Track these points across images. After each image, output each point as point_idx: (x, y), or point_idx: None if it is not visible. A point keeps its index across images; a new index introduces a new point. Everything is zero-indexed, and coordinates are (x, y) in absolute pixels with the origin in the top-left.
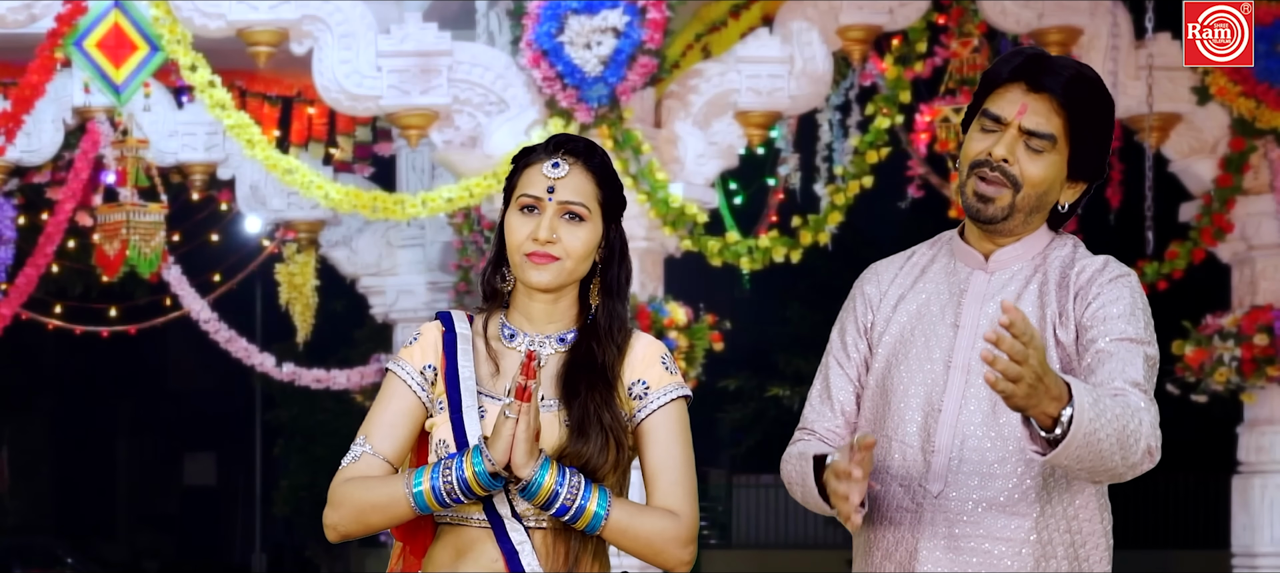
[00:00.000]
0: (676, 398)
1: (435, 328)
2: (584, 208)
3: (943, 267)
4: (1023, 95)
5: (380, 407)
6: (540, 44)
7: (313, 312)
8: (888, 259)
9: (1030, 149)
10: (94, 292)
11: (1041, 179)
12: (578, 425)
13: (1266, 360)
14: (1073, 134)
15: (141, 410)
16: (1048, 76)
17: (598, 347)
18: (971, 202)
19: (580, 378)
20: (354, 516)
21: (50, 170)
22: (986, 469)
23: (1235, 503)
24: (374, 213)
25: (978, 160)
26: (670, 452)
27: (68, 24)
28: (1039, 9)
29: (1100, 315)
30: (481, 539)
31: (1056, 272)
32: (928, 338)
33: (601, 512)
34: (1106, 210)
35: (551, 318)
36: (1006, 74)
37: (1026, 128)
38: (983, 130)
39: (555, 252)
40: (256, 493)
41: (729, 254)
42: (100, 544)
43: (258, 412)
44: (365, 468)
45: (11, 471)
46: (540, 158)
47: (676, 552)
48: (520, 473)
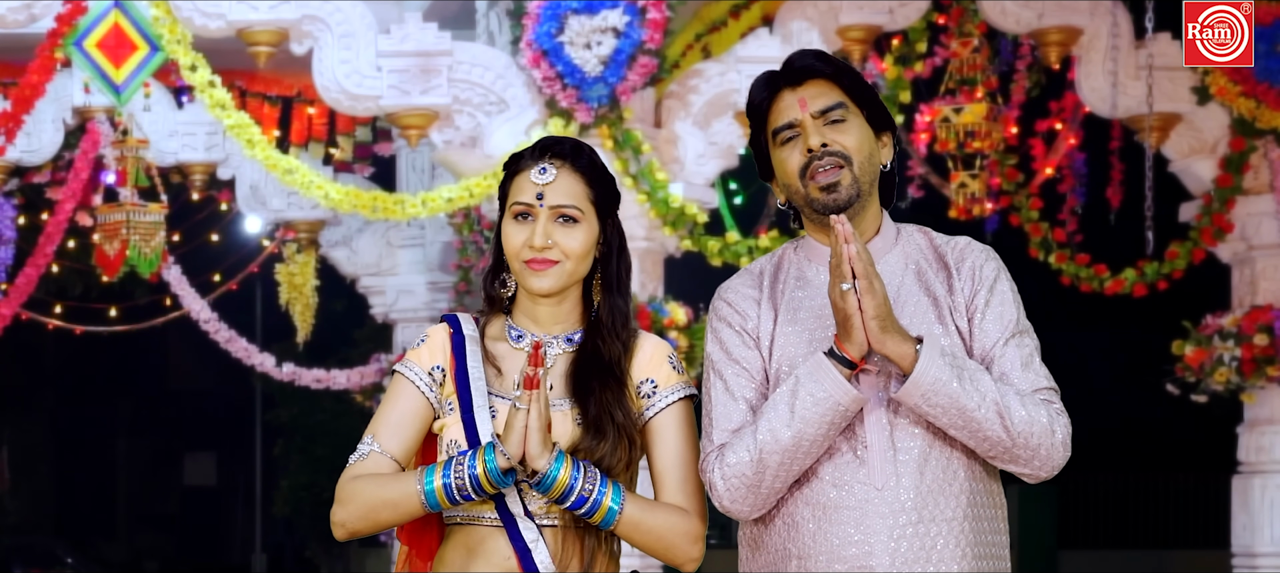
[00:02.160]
0: (684, 397)
1: (443, 330)
2: (576, 209)
3: (804, 275)
4: (793, 93)
5: (388, 407)
6: (540, 44)
7: (313, 312)
8: (738, 276)
9: (834, 123)
10: (94, 292)
11: (860, 142)
12: (593, 423)
13: (1266, 360)
14: (850, 92)
15: (141, 410)
16: (797, 69)
17: (603, 343)
18: (820, 198)
19: (591, 375)
20: (363, 512)
21: (50, 170)
22: (919, 455)
23: (1235, 503)
24: (374, 213)
25: (802, 165)
26: (678, 450)
27: (68, 24)
28: (1039, 9)
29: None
30: (493, 538)
31: (928, 254)
32: (812, 335)
33: (616, 506)
34: (1107, 210)
35: (557, 319)
36: (767, 91)
37: (817, 110)
38: (784, 144)
39: (552, 256)
40: (256, 493)
41: (729, 254)
42: (100, 544)
43: (258, 412)
44: (374, 466)
45: (11, 471)
46: (528, 164)
47: (688, 548)
48: (535, 465)
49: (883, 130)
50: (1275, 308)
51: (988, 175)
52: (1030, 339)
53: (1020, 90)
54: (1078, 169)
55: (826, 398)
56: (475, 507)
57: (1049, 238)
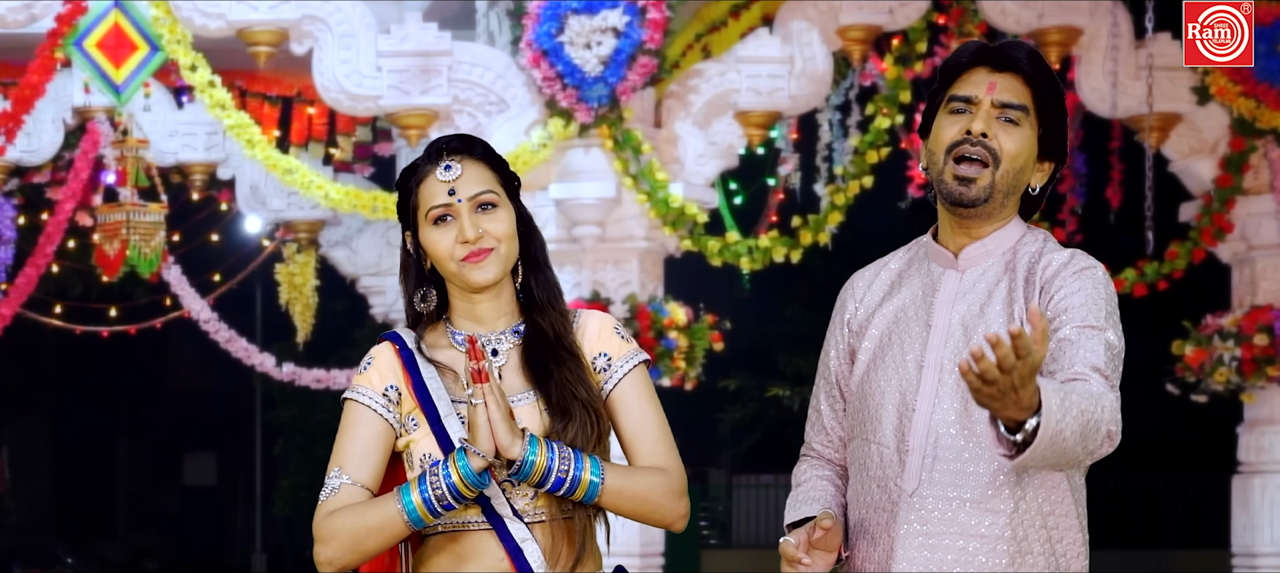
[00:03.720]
0: (639, 363)
1: (388, 348)
2: (493, 193)
3: (918, 270)
4: (989, 75)
5: (347, 437)
6: (540, 44)
7: (313, 312)
8: (867, 268)
9: (1006, 121)
10: (94, 292)
11: (1018, 152)
12: (558, 405)
13: (1266, 360)
14: (1040, 108)
15: (141, 410)
16: (1010, 55)
17: (543, 320)
18: (952, 187)
19: (546, 358)
20: (348, 545)
21: (50, 170)
22: (960, 467)
23: (1235, 503)
24: (374, 213)
25: (955, 141)
26: (644, 414)
27: (68, 24)
28: (1039, 9)
29: (1062, 307)
30: (483, 541)
31: (1024, 267)
32: (902, 340)
33: (597, 479)
34: (1107, 210)
35: (499, 313)
36: (968, 60)
37: (1000, 101)
38: (953, 114)
39: (486, 244)
40: (256, 493)
41: (729, 254)
42: (100, 544)
43: (258, 412)
44: (346, 498)
45: (11, 471)
46: (428, 168)
47: (673, 505)
48: (509, 454)
49: (1049, 157)
50: (1275, 308)
51: None
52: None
53: None
54: (1078, 169)
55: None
56: (461, 513)
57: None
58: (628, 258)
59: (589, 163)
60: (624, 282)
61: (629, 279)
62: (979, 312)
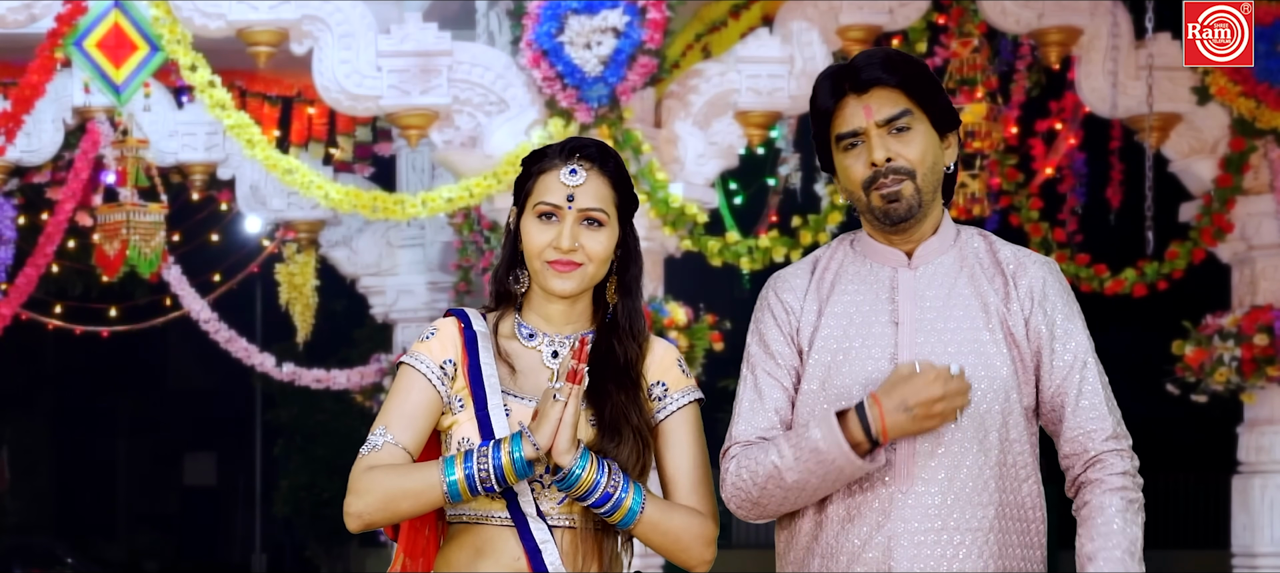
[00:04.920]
0: (693, 401)
1: (452, 324)
2: (604, 213)
3: (856, 270)
4: (858, 102)
5: (400, 398)
6: (540, 44)
7: (313, 312)
8: (793, 271)
9: (898, 132)
10: (94, 292)
11: (924, 151)
12: (610, 425)
13: (1266, 360)
14: (916, 98)
15: (141, 410)
16: (864, 72)
17: (619, 345)
18: (882, 209)
19: (608, 377)
20: (382, 503)
21: (50, 170)
22: (950, 462)
23: (1235, 503)
24: (374, 213)
25: (866, 177)
26: (689, 454)
27: (68, 24)
28: (1039, 9)
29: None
30: (502, 537)
31: (984, 260)
32: (866, 340)
33: (637, 507)
34: (1107, 210)
35: (570, 319)
36: (831, 99)
37: (882, 120)
38: (848, 151)
39: (577, 258)
40: (256, 493)
41: (729, 254)
42: (100, 544)
43: (258, 412)
44: (388, 457)
45: (11, 471)
46: (556, 164)
47: (702, 550)
48: (561, 461)
49: (948, 131)
50: (1275, 308)
51: (988, 175)
52: (1097, 362)
53: (1020, 90)
54: (1078, 169)
55: (827, 457)
56: (484, 505)
57: (1049, 238)
58: None
59: None
60: None
61: None
62: (945, 304)
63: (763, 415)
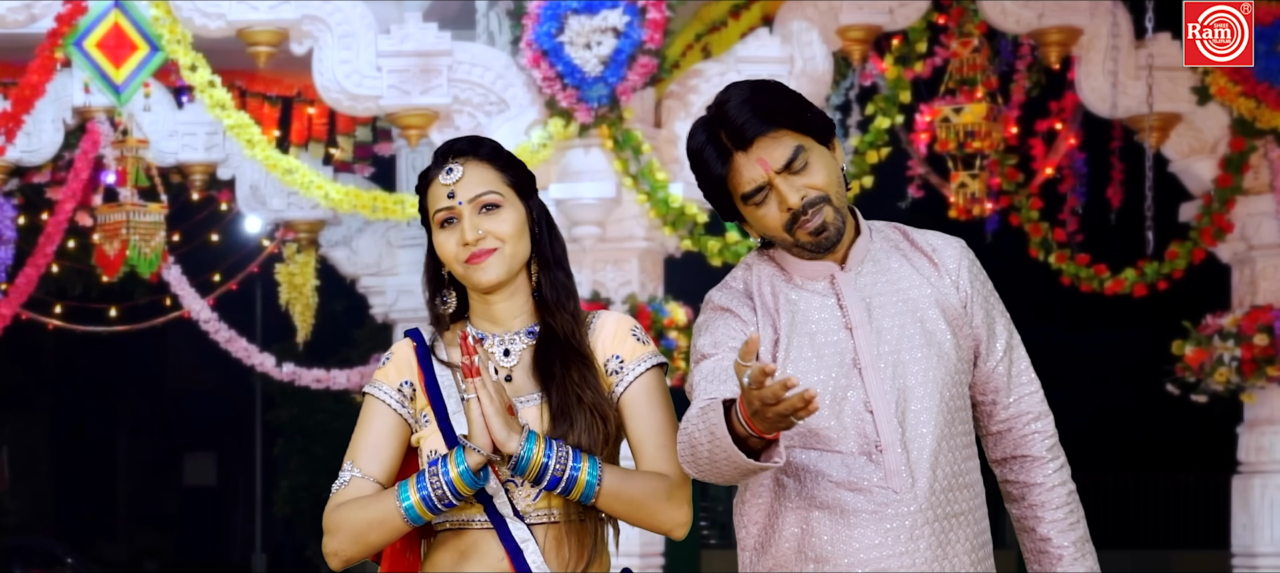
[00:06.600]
0: (652, 367)
1: (406, 345)
2: (495, 194)
3: (785, 284)
4: (746, 158)
5: (363, 430)
6: (540, 44)
7: (313, 312)
8: (724, 291)
9: (796, 172)
10: (94, 292)
11: (827, 176)
12: (558, 408)
13: (1266, 360)
14: (796, 126)
15: (141, 410)
16: (746, 130)
17: (553, 319)
18: (811, 242)
19: (553, 358)
20: (352, 538)
21: (50, 170)
22: (933, 453)
23: (1235, 503)
24: (374, 213)
25: (786, 222)
26: (652, 419)
27: (68, 24)
28: (1039, 9)
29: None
30: (484, 540)
31: (904, 247)
32: (817, 350)
33: (593, 480)
34: (1107, 210)
35: (514, 313)
36: (719, 163)
37: (779, 166)
38: (759, 205)
39: (488, 244)
40: (256, 493)
41: (729, 254)
42: (100, 544)
43: (258, 412)
44: (356, 491)
45: (11, 471)
46: (434, 173)
47: (672, 512)
48: (506, 449)
49: (829, 138)
50: (1275, 308)
51: (988, 175)
52: (1017, 336)
53: (1020, 90)
54: (1078, 169)
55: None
56: (464, 511)
57: (1049, 238)
58: (628, 258)
59: (589, 163)
60: (624, 282)
61: (629, 279)
62: (892, 300)
63: (720, 383)
